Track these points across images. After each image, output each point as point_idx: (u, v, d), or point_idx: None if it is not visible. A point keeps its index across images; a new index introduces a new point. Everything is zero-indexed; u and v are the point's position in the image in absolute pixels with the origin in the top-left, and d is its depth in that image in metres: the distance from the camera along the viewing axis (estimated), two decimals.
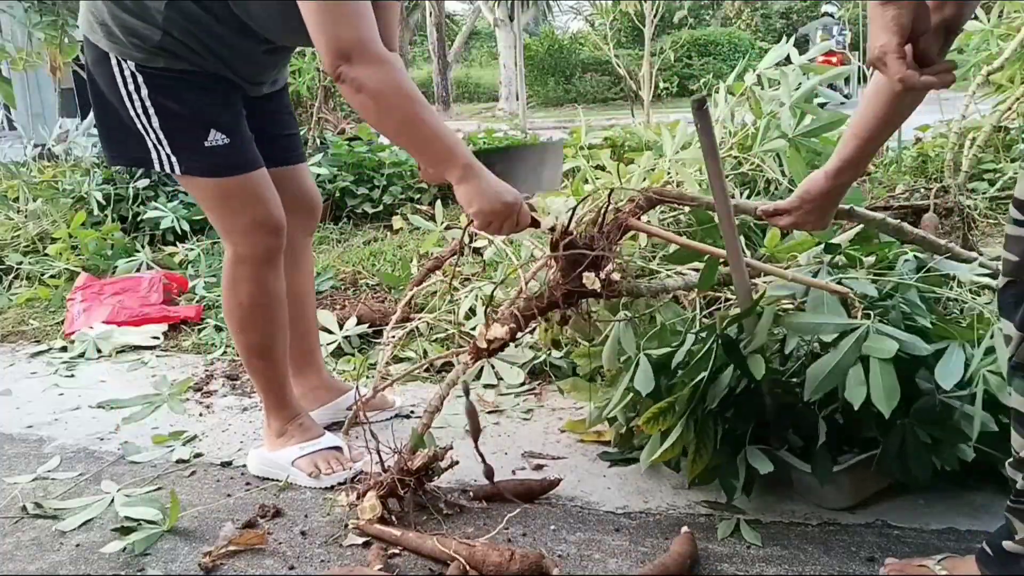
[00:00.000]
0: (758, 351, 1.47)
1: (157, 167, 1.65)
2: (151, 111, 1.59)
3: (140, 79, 1.57)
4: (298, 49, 1.81)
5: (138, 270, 3.56)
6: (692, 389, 1.49)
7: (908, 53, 0.98)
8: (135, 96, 1.58)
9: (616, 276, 1.50)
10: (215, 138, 1.62)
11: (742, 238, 2.23)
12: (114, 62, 1.58)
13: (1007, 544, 1.17)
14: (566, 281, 1.51)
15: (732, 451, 1.55)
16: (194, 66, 1.60)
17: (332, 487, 1.75)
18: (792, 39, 2.33)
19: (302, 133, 3.21)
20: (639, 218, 1.62)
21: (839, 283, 1.52)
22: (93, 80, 1.65)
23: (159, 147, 1.63)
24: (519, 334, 1.57)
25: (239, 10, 1.57)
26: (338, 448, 1.84)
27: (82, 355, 2.79)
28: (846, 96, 8.17)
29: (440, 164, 1.47)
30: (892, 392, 1.35)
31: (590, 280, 1.47)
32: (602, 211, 1.58)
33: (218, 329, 2.89)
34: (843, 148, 1.37)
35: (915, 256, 1.66)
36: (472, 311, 2.46)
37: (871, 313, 1.49)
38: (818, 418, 1.52)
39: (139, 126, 1.61)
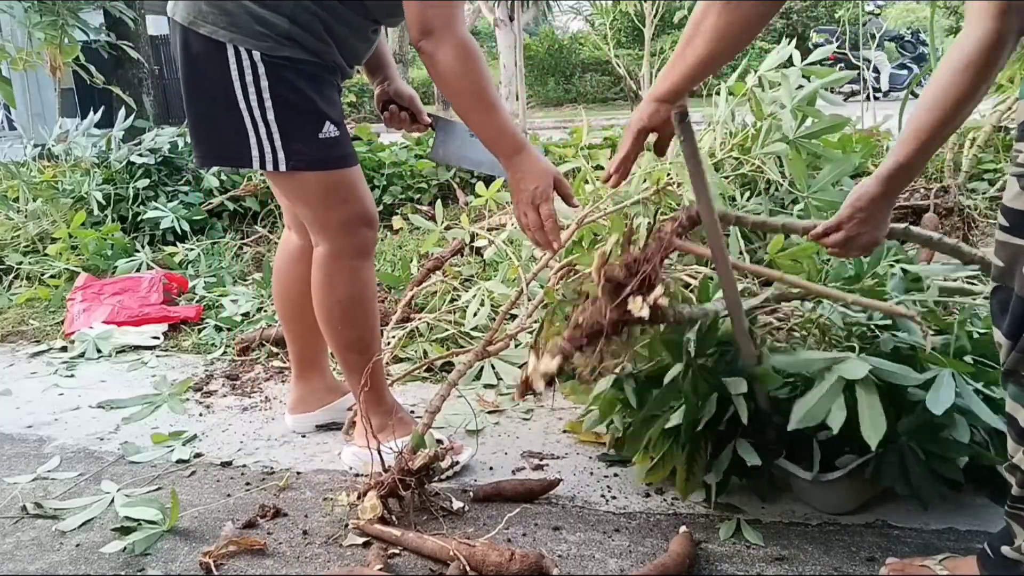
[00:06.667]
0: (743, 395, 1.48)
1: (257, 165, 1.62)
2: (268, 103, 1.58)
3: (261, 69, 1.56)
4: None
5: (138, 270, 3.56)
6: (679, 417, 1.51)
7: None
8: (251, 88, 1.57)
9: (664, 301, 1.41)
10: (328, 130, 1.63)
11: (740, 238, 2.23)
12: (231, 52, 1.55)
13: (1005, 550, 1.18)
14: (613, 307, 1.44)
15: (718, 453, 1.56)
16: (313, 56, 1.60)
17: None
18: (792, 42, 2.33)
19: None
20: (684, 237, 1.54)
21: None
22: (196, 73, 1.61)
23: (268, 141, 1.60)
24: (568, 365, 1.49)
25: None
26: (438, 441, 1.79)
27: (82, 355, 2.79)
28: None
29: (497, 142, 1.58)
30: (878, 423, 1.36)
31: (637, 306, 1.41)
32: (649, 233, 1.50)
33: (218, 329, 2.89)
34: (900, 150, 1.26)
35: (903, 270, 1.65)
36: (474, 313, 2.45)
37: (855, 346, 1.48)
38: (813, 440, 1.52)
39: (248, 120, 1.59)
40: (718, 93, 2.47)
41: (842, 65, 5.74)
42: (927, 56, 13.34)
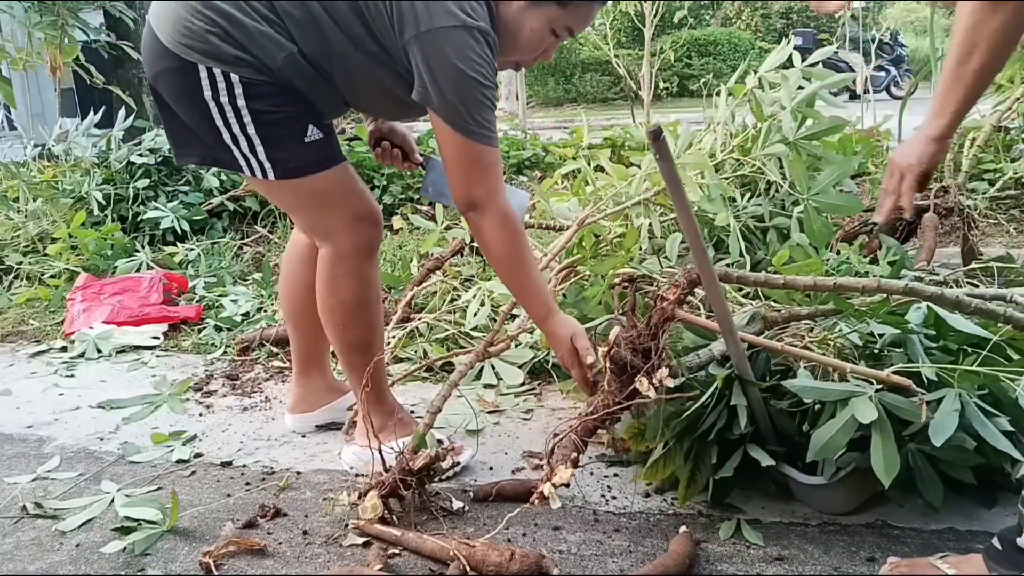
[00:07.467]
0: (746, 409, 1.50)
1: (247, 173, 1.64)
2: (247, 119, 1.57)
3: (239, 89, 1.55)
4: None
5: (138, 270, 3.56)
6: (682, 423, 1.53)
7: None
8: (228, 106, 1.56)
9: (669, 382, 1.47)
10: (313, 133, 1.63)
11: (742, 242, 2.23)
12: (204, 73, 1.54)
13: (1021, 541, 1.17)
14: (620, 386, 1.51)
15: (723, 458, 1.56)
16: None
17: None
18: (791, 43, 2.33)
19: None
20: (683, 301, 1.56)
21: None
22: (166, 87, 1.61)
23: (251, 154, 1.60)
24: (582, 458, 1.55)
25: (342, 85, 1.62)
26: (439, 441, 1.80)
27: (82, 355, 2.79)
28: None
29: (529, 307, 1.69)
30: (891, 462, 1.37)
31: (644, 387, 1.47)
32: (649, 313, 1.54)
33: (218, 329, 2.89)
34: (955, 103, 1.26)
35: (928, 307, 1.65)
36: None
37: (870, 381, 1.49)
38: (820, 462, 1.52)
39: (228, 135, 1.58)
40: (718, 94, 2.47)
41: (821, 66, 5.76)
42: (905, 57, 13.30)
